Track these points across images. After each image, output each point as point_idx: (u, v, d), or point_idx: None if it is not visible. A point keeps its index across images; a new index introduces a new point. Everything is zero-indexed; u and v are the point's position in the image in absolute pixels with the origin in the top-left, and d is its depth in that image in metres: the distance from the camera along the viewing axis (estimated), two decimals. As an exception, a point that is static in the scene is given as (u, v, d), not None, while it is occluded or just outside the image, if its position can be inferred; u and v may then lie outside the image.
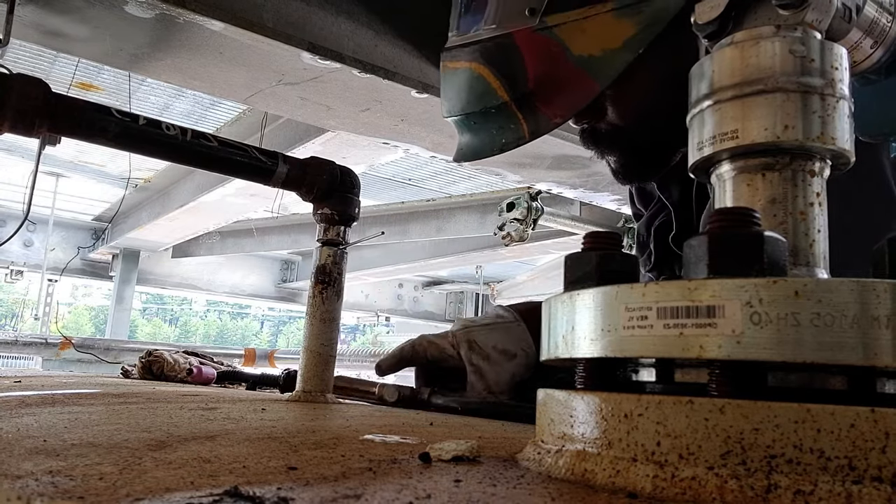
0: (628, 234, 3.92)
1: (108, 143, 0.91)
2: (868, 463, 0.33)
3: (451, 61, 0.97)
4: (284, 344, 22.82)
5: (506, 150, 0.93)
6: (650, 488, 0.36)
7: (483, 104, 0.93)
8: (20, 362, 4.95)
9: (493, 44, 0.91)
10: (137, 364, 1.56)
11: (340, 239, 1.07)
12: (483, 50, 0.92)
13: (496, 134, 0.94)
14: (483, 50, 0.92)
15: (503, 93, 0.90)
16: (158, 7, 1.25)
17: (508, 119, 0.92)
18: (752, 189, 0.49)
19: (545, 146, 2.16)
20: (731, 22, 0.51)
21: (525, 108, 0.90)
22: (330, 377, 1.05)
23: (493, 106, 0.92)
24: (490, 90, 0.91)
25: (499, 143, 0.93)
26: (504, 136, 0.93)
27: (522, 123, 0.91)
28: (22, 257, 6.51)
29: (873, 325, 0.35)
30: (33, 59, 3.23)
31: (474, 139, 0.98)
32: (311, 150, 2.96)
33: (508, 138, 0.92)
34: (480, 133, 0.96)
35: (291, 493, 0.34)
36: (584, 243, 0.48)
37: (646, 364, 0.47)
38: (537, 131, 0.90)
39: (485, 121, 0.94)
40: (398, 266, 6.42)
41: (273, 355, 5.61)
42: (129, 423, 0.62)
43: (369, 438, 0.57)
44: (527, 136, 0.91)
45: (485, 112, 0.93)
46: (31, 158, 4.68)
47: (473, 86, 0.93)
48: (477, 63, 0.93)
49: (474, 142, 0.98)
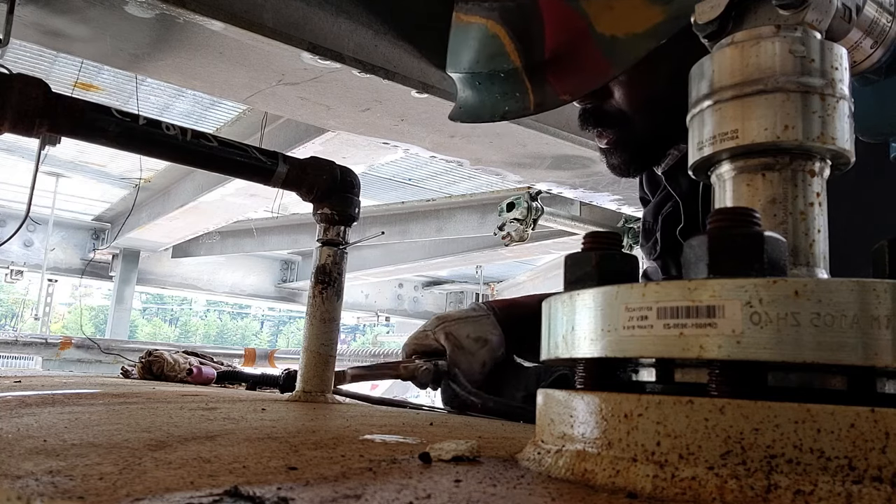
0: (628, 234, 3.93)
1: (108, 143, 0.91)
2: (868, 463, 0.33)
3: (466, 14, 0.93)
4: (284, 344, 22.82)
5: (507, 118, 0.90)
6: (650, 488, 0.36)
7: (493, 66, 0.89)
8: (20, 362, 4.95)
9: (515, 4, 0.87)
10: (137, 364, 1.56)
11: (340, 239, 1.07)
12: (503, 8, 0.87)
13: (500, 99, 0.90)
14: (503, 8, 0.87)
15: (516, 58, 0.86)
16: (158, 7, 1.25)
17: (516, 86, 0.88)
18: (752, 189, 0.48)
19: (545, 146, 2.15)
20: (731, 22, 0.51)
21: (535, 77, 0.86)
22: (330, 377, 1.05)
23: (502, 70, 0.88)
24: (503, 52, 0.87)
25: (500, 110, 0.90)
26: (507, 103, 0.89)
27: (530, 93, 0.87)
28: (22, 257, 6.51)
29: (873, 325, 0.35)
30: (33, 59, 3.23)
31: (476, 100, 0.94)
32: (311, 150, 2.96)
33: (512, 106, 0.89)
34: (483, 95, 0.92)
35: (291, 493, 0.34)
36: (584, 243, 0.48)
37: (646, 364, 0.47)
38: (543, 104, 0.87)
39: (490, 83, 0.90)
40: (398, 266, 6.42)
41: (273, 355, 5.61)
42: (129, 423, 0.62)
43: (369, 438, 0.57)
44: (531, 108, 0.87)
45: (492, 74, 0.89)
46: (32, 158, 4.68)
47: (486, 44, 0.89)
48: (494, 21, 0.88)
49: (475, 103, 0.94)
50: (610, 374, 0.45)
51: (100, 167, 5.02)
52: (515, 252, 5.35)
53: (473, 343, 1.15)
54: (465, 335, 1.15)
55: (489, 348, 1.15)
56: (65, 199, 5.88)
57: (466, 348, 1.14)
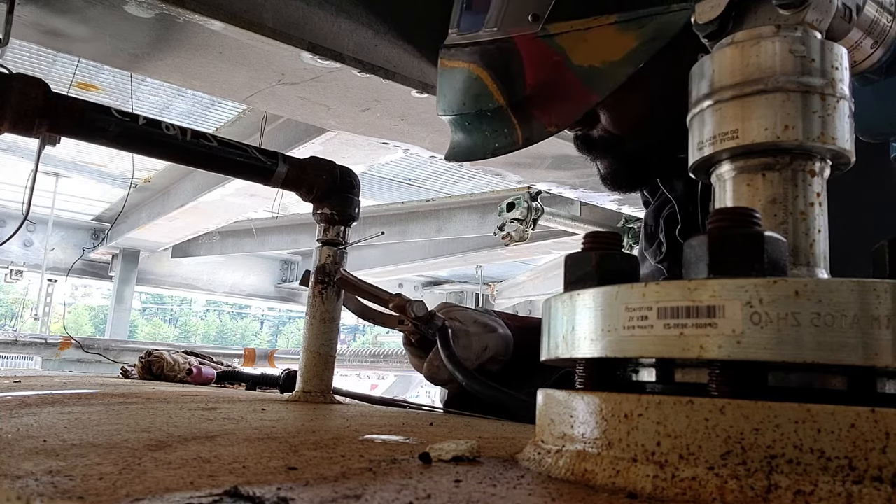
0: (628, 234, 3.93)
1: (108, 143, 0.91)
2: (868, 463, 0.33)
3: (450, 60, 0.97)
4: (284, 344, 22.82)
5: (498, 154, 0.93)
6: (650, 488, 0.36)
7: (479, 106, 0.93)
8: (20, 362, 4.95)
9: (494, 46, 0.90)
10: (137, 364, 1.56)
11: (340, 239, 1.07)
12: (483, 52, 0.92)
13: (489, 137, 0.93)
14: (483, 52, 0.92)
15: (499, 96, 0.90)
16: (158, 7, 1.25)
17: (503, 123, 0.91)
18: (753, 189, 0.48)
19: (545, 146, 2.16)
20: (731, 22, 0.51)
21: (521, 113, 0.90)
22: (330, 377, 1.05)
23: (488, 109, 0.92)
24: (486, 93, 0.91)
25: (491, 147, 0.94)
26: (497, 140, 0.93)
27: (517, 129, 0.91)
28: (22, 257, 6.52)
29: (873, 325, 0.35)
30: (33, 59, 3.23)
31: (467, 140, 0.98)
32: (311, 150, 2.96)
33: (501, 143, 0.92)
34: (474, 134, 0.96)
35: (291, 493, 0.34)
36: (584, 243, 0.48)
37: (646, 364, 0.47)
38: (531, 138, 0.90)
39: (479, 123, 0.94)
40: (398, 266, 6.42)
41: (273, 355, 5.61)
42: (128, 423, 0.62)
43: (369, 438, 0.57)
44: (520, 143, 0.90)
45: (479, 114, 0.93)
46: (31, 158, 4.68)
47: (470, 86, 0.93)
48: (475, 64, 0.92)
49: (467, 142, 0.98)
50: (610, 375, 0.45)
51: (99, 167, 5.02)
52: (515, 252, 5.35)
53: (479, 327, 1.10)
54: (472, 319, 1.11)
55: (495, 336, 1.10)
56: (65, 199, 5.88)
57: (470, 329, 1.09)
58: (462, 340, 1.07)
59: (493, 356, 1.10)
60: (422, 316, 1.02)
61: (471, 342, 1.07)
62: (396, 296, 1.05)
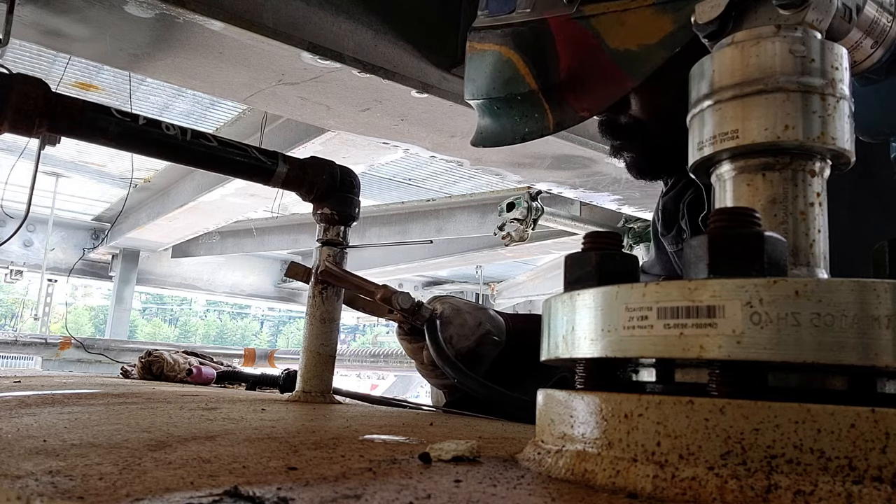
0: (628, 234, 3.93)
1: (108, 143, 0.91)
2: (868, 463, 0.33)
3: (479, 42, 0.94)
4: (284, 344, 22.81)
5: (528, 139, 0.91)
6: (650, 488, 0.36)
7: (509, 90, 0.90)
8: (20, 362, 4.96)
9: (527, 28, 0.88)
10: (137, 364, 1.56)
11: (340, 239, 1.07)
12: (515, 34, 0.89)
13: (519, 122, 0.91)
14: (515, 34, 0.89)
15: (531, 80, 0.88)
16: (158, 7, 1.25)
17: (534, 108, 0.89)
18: (753, 189, 0.48)
19: (545, 146, 2.16)
20: (731, 22, 0.51)
21: (553, 98, 0.88)
22: (330, 377, 1.05)
23: (519, 93, 0.89)
24: (518, 76, 0.89)
25: (521, 132, 0.91)
26: (527, 125, 0.90)
27: (548, 114, 0.88)
28: (22, 257, 6.52)
29: (873, 325, 0.35)
30: (33, 59, 3.23)
31: (495, 125, 0.95)
32: (311, 149, 2.96)
33: (532, 127, 0.90)
34: (502, 119, 0.94)
35: (291, 493, 0.34)
36: (584, 243, 0.48)
37: (646, 364, 0.47)
38: (562, 123, 0.88)
39: (509, 107, 0.92)
40: (398, 266, 6.42)
41: (273, 355, 5.61)
42: (129, 423, 0.62)
43: (369, 438, 0.57)
44: (551, 128, 0.88)
45: (510, 98, 0.91)
46: (31, 158, 4.68)
47: (501, 70, 0.91)
48: (507, 47, 0.90)
49: (495, 127, 0.96)
50: (610, 375, 0.45)
51: (99, 167, 5.02)
52: (515, 252, 5.35)
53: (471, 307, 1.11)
54: (463, 302, 1.12)
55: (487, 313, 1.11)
56: (65, 199, 5.88)
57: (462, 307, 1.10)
58: (456, 320, 1.08)
59: (488, 332, 1.10)
60: (407, 307, 1.02)
61: (465, 320, 1.09)
62: (382, 287, 1.05)
